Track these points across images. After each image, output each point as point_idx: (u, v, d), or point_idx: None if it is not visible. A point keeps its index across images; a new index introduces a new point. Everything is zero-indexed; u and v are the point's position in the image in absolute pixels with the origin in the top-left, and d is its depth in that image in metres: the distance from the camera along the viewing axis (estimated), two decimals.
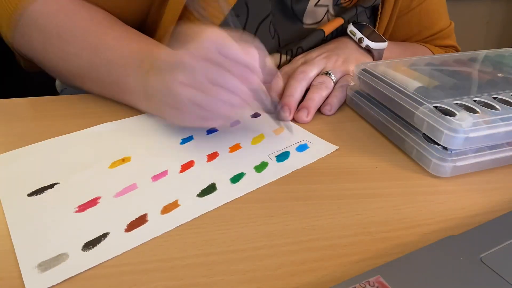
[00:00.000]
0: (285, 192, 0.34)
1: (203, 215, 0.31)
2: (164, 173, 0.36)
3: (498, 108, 0.38)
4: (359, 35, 0.56)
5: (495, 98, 0.40)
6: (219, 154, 0.39)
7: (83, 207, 0.31)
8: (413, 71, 0.47)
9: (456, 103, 0.38)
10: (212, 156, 0.38)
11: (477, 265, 0.25)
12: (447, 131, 0.35)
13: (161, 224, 0.30)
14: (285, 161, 0.38)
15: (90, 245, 0.28)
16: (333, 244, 0.29)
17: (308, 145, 0.41)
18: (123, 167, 0.36)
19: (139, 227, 0.30)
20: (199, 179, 0.35)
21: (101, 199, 0.32)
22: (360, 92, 0.48)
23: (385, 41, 0.57)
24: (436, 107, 0.38)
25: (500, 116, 0.36)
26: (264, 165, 0.37)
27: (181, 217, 0.31)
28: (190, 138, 0.41)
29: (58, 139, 0.40)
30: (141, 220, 0.30)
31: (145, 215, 0.31)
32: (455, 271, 0.25)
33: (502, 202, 0.34)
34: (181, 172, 0.36)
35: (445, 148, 0.36)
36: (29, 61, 0.50)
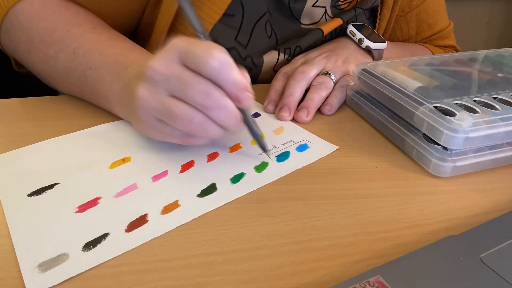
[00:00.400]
0: (285, 192, 0.34)
1: (203, 215, 0.31)
2: (164, 173, 0.36)
3: (498, 108, 0.38)
4: (359, 35, 0.56)
5: (495, 98, 0.40)
6: (219, 154, 0.39)
7: (83, 207, 0.31)
8: (413, 71, 0.47)
9: (456, 103, 0.38)
10: (212, 156, 0.38)
11: (477, 265, 0.25)
12: (447, 131, 0.35)
13: (162, 224, 0.30)
14: (285, 161, 0.38)
15: (90, 245, 0.28)
16: (333, 244, 0.29)
17: (308, 145, 0.41)
18: (123, 167, 0.36)
19: (140, 227, 0.30)
20: (199, 179, 0.35)
21: (101, 199, 0.32)
22: (360, 92, 0.48)
23: (384, 42, 0.57)
24: (436, 107, 0.38)
25: (500, 116, 0.36)
26: (264, 165, 0.37)
27: (181, 217, 0.31)
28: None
29: (58, 139, 0.40)
30: (141, 220, 0.30)
31: (145, 215, 0.31)
32: (455, 271, 0.25)
33: (502, 202, 0.34)
34: (181, 172, 0.36)
35: (445, 148, 0.36)
36: (19, 61, 0.49)
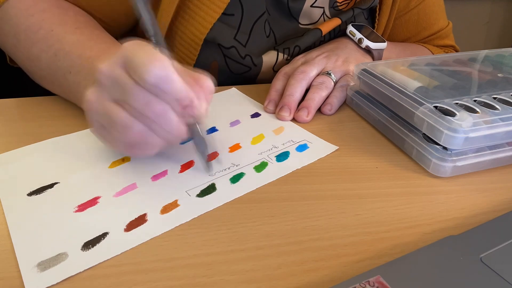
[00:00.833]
0: (285, 192, 0.34)
1: (203, 215, 0.31)
2: (164, 173, 0.36)
3: (498, 108, 0.38)
4: (358, 35, 0.56)
5: (495, 98, 0.40)
6: (219, 154, 0.39)
7: (82, 207, 0.31)
8: (413, 71, 0.47)
9: (456, 103, 0.38)
10: (212, 156, 0.38)
11: (477, 265, 0.25)
12: (447, 131, 0.35)
13: (161, 224, 0.30)
14: (285, 161, 0.38)
15: (89, 244, 0.28)
16: (333, 244, 0.29)
17: (308, 145, 0.41)
18: (123, 166, 0.36)
19: (139, 227, 0.30)
20: (198, 179, 0.35)
21: (100, 198, 0.32)
22: (360, 92, 0.48)
23: (384, 42, 0.57)
24: (436, 107, 0.38)
25: (500, 116, 0.36)
26: (264, 165, 0.37)
27: (180, 217, 0.31)
28: (190, 138, 0.41)
29: (58, 139, 0.40)
30: (140, 220, 0.30)
31: (144, 215, 0.31)
32: (455, 271, 0.25)
33: (502, 202, 0.34)
34: (181, 172, 0.36)
35: (445, 148, 0.36)
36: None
